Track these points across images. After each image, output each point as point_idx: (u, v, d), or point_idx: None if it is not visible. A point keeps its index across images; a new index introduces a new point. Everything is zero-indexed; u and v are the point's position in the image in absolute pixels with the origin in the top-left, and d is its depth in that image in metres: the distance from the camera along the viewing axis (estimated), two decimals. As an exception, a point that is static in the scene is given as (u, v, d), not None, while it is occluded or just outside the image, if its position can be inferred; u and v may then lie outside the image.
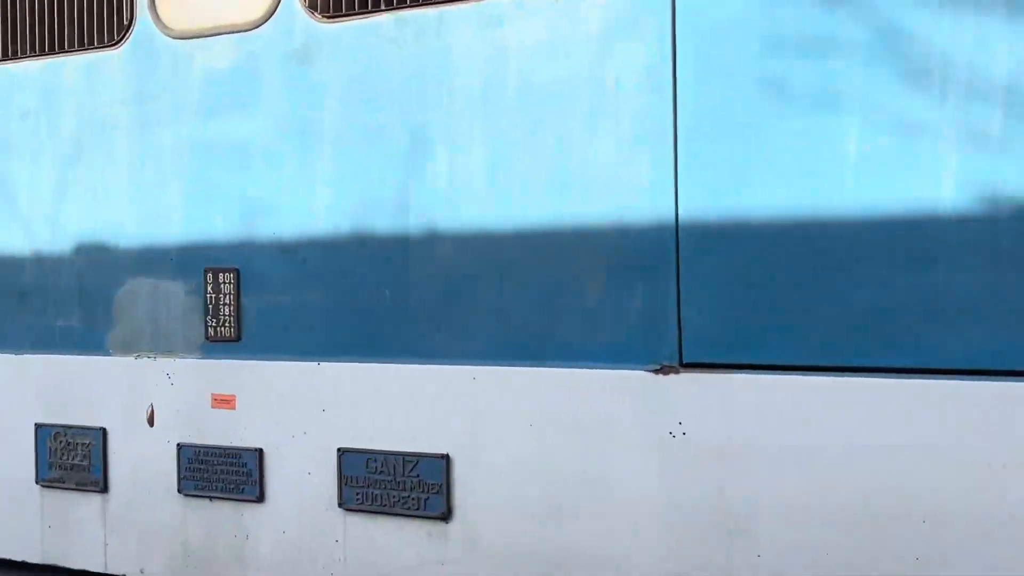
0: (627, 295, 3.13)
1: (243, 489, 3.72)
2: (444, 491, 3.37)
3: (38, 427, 4.16)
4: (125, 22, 3.94)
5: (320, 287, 3.58)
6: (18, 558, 4.22)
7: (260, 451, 3.68)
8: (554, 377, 3.21)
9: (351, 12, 3.53)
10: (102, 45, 4.00)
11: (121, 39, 3.95)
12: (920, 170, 2.77)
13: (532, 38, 3.24)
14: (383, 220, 3.48)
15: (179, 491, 3.84)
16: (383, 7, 3.46)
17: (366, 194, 3.51)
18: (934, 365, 2.76)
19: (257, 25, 3.67)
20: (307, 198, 3.60)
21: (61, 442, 4.08)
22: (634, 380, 3.10)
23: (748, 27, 2.97)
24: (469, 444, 3.34)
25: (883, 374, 2.81)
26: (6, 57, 4.22)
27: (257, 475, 3.68)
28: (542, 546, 3.23)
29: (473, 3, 3.31)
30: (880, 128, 2.81)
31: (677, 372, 3.06)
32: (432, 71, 3.38)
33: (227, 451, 3.74)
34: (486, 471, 3.32)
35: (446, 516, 3.38)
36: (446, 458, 3.37)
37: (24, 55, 4.18)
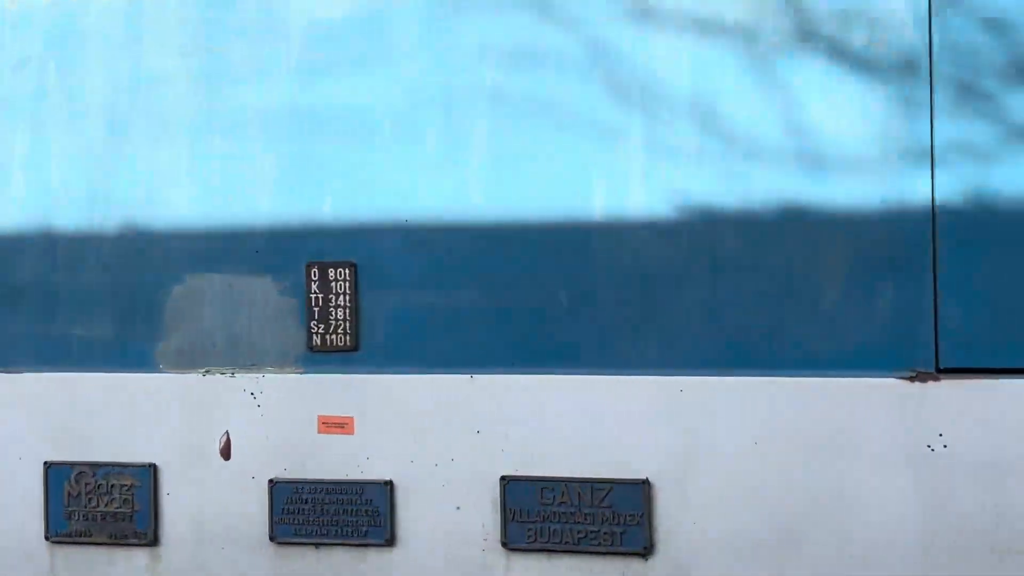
0: (874, 291, 2.82)
1: (366, 532, 3.03)
2: (645, 522, 2.90)
3: (49, 466, 3.21)
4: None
5: (473, 284, 2.98)
6: None
7: (390, 484, 3.02)
8: (785, 387, 2.84)
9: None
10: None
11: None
12: None
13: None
14: (556, 205, 2.94)
15: (271, 539, 3.08)
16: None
17: (533, 174, 2.95)
18: None
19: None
20: (455, 176, 2.98)
21: (87, 484, 3.17)
22: (884, 389, 2.80)
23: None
24: (675, 467, 2.89)
25: None
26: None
27: (386, 513, 3.02)
28: (770, 579, 2.85)
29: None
30: None
31: (936, 379, 2.79)
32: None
33: (343, 486, 3.04)
34: (697, 497, 2.88)
35: (647, 552, 2.91)
36: (646, 483, 2.90)
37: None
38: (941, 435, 2.77)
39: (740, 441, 2.86)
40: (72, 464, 3.18)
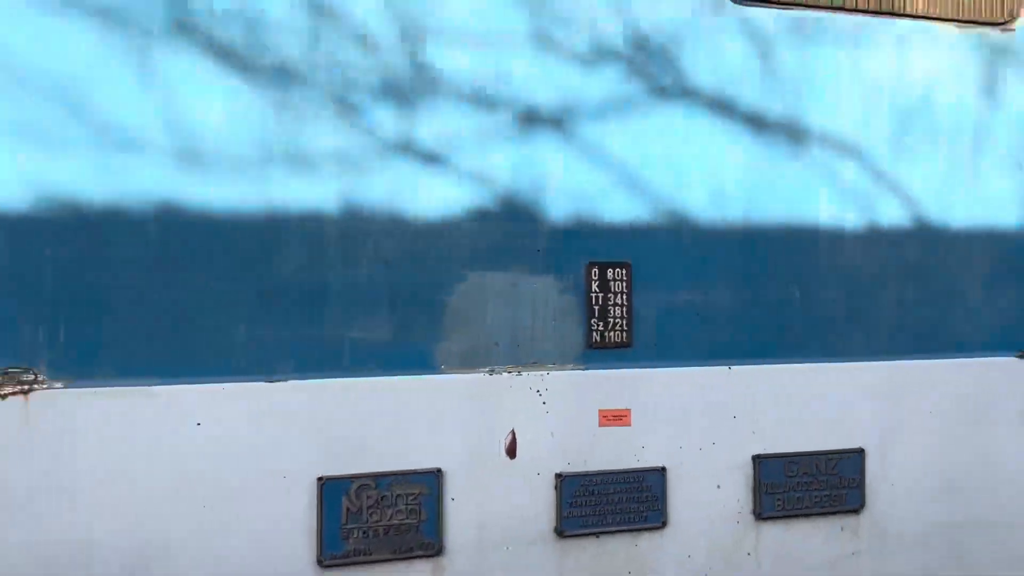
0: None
1: (645, 517, 3.24)
2: (860, 484, 3.50)
3: (323, 482, 2.91)
4: None
5: (727, 283, 3.36)
6: None
7: (663, 470, 3.26)
8: (954, 368, 3.63)
9: None
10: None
11: None
12: None
13: None
14: (797, 210, 3.45)
15: (557, 533, 3.14)
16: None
17: (773, 184, 3.43)
18: None
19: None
20: (717, 182, 3.35)
21: (368, 497, 2.94)
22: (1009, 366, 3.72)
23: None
24: (880, 438, 3.54)
25: None
26: None
27: (662, 497, 3.26)
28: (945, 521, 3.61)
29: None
30: None
31: None
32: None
33: (625, 475, 3.22)
34: (894, 461, 3.55)
35: (859, 508, 3.51)
36: (861, 452, 3.51)
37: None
38: (1044, 398, 3.76)
39: (925, 415, 3.59)
40: (352, 477, 2.95)
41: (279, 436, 2.90)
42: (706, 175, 3.33)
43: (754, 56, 3.35)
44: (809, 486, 3.46)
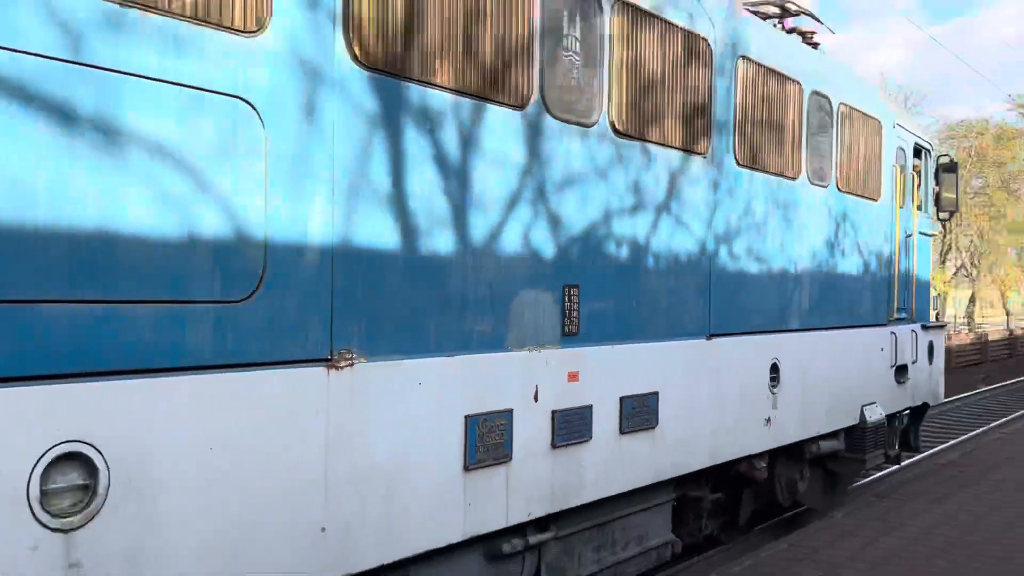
0: None
1: (582, 433, 5.61)
2: (656, 412, 6.27)
3: (468, 418, 4.78)
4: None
5: (631, 288, 5.85)
6: (442, 543, 4.65)
7: (591, 407, 5.66)
8: (684, 346, 6.53)
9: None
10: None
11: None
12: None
13: None
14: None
15: (552, 446, 5.36)
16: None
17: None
18: None
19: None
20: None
21: (485, 427, 4.88)
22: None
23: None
24: (661, 384, 6.33)
25: None
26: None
27: (590, 422, 5.65)
28: None
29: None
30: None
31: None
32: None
33: (578, 410, 5.55)
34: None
35: (654, 426, 6.27)
36: (656, 394, 6.28)
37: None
38: (718, 362, 6.91)
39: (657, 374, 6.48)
40: (478, 415, 4.89)
41: (449, 389, 4.75)
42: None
43: None
44: (636, 415, 6.10)
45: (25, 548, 3.18)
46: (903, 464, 11.90)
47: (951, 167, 11.87)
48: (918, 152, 11.17)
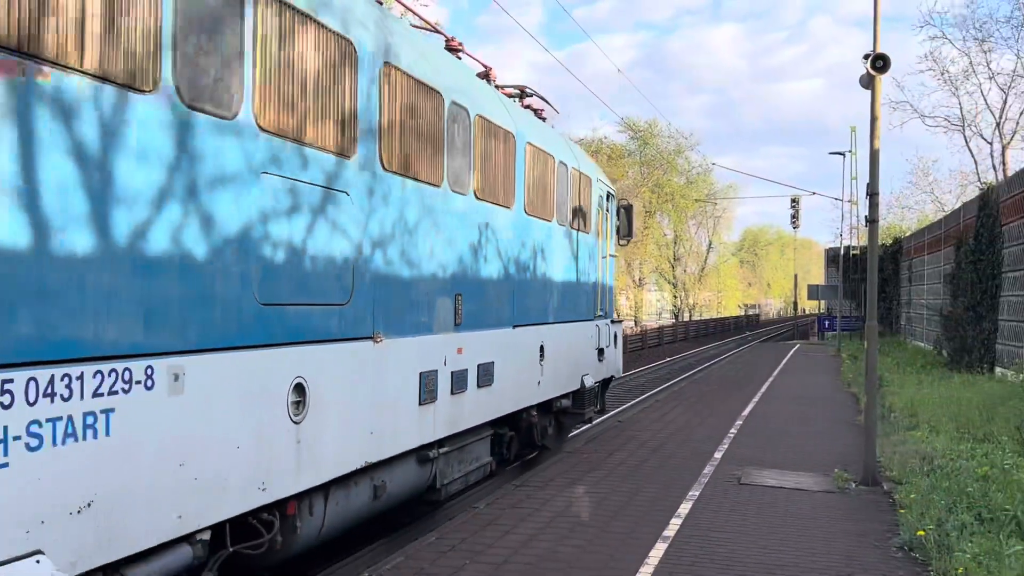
0: None
1: (463, 386, 9.63)
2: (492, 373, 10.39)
3: (420, 373, 8.68)
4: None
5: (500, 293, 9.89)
6: (411, 446, 8.55)
7: (467, 369, 9.67)
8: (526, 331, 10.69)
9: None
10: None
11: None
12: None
13: None
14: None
15: (451, 393, 9.33)
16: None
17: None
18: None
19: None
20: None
21: (426, 379, 8.78)
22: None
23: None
24: (497, 359, 10.45)
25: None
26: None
27: (475, 378, 9.68)
28: None
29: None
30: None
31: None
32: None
33: (460, 371, 9.53)
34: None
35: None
36: (492, 363, 10.40)
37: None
38: (521, 342, 11.17)
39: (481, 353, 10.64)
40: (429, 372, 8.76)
41: (413, 356, 8.53)
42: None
43: None
44: (484, 376, 10.20)
45: (283, 433, 6.52)
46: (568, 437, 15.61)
47: (628, 208, 17.11)
48: (608, 196, 16.38)
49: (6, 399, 4.30)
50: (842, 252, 49.00)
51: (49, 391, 4.51)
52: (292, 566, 8.07)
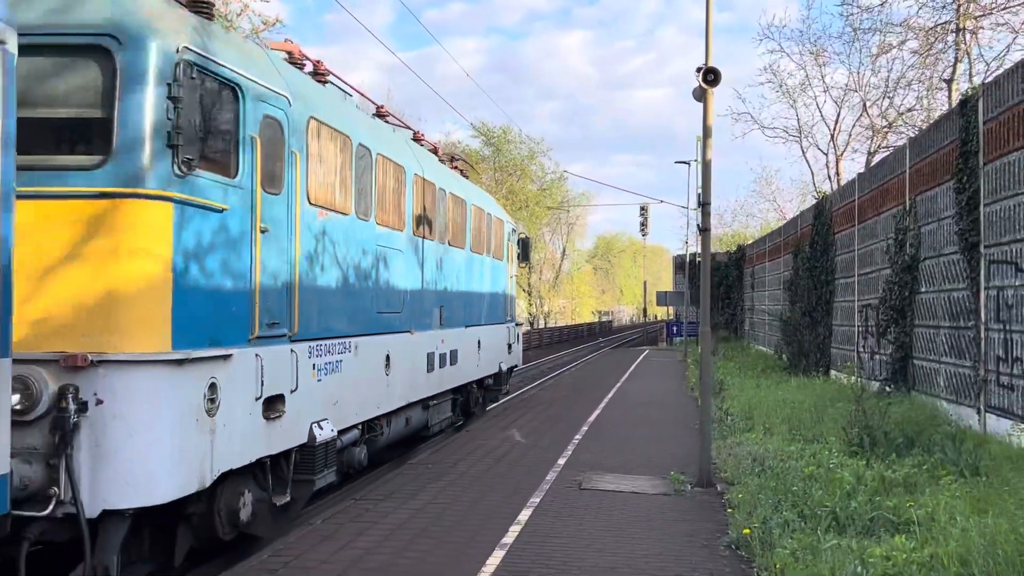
0: None
1: (445, 364, 11.08)
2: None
3: (427, 353, 11.12)
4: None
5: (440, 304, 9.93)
6: (425, 396, 14.65)
7: (446, 353, 16.04)
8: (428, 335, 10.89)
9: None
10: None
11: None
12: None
13: None
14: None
15: (439, 367, 15.94)
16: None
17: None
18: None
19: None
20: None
21: (432, 357, 14.95)
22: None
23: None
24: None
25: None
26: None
27: (447, 360, 10.36)
28: None
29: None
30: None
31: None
32: None
33: (444, 354, 15.44)
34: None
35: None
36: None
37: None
38: (362, 352, 11.36)
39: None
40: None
41: (423, 342, 13.83)
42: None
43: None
44: (451, 358, 15.70)
45: (383, 380, 12.33)
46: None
47: (526, 240, 24.40)
48: (512, 231, 22.91)
49: (317, 354, 9.83)
50: (688, 259, 50.56)
51: (321, 350, 10.05)
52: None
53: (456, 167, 19.34)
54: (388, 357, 12.38)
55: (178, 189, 7.48)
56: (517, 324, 23.48)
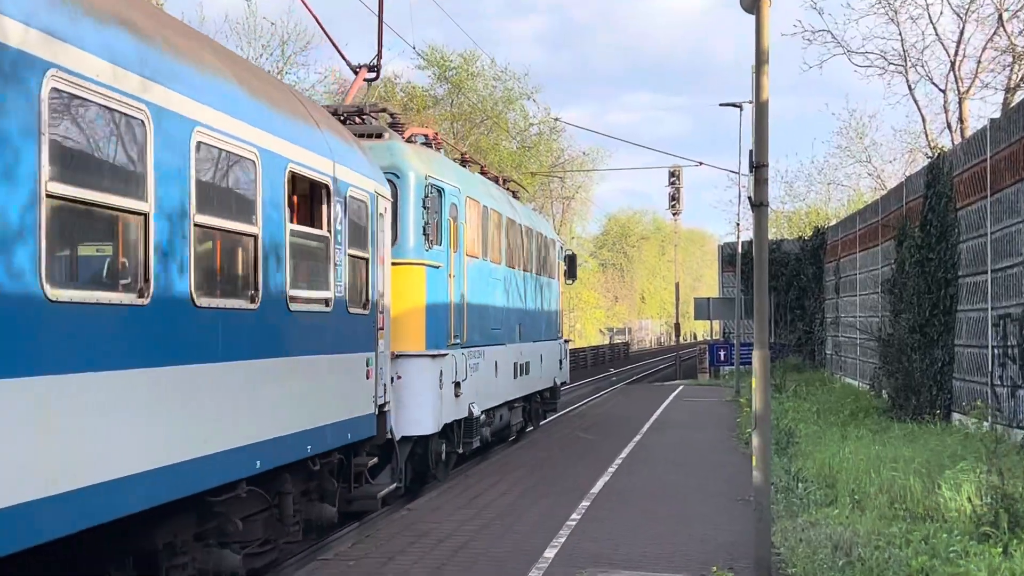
0: None
1: (527, 372, 28.64)
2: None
3: (515, 364, 27.30)
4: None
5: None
6: (512, 397, 27.39)
7: (527, 363, 28.01)
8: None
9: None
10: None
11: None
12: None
13: None
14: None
15: (522, 375, 27.90)
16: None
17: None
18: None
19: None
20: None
21: (520, 365, 27.47)
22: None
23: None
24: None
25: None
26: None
27: (527, 369, 29.34)
28: None
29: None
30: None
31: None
32: None
33: (524, 363, 27.94)
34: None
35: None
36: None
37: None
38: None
39: None
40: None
41: (510, 354, 26.16)
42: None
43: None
44: (529, 368, 28.48)
45: (513, 380, 26.62)
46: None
47: (572, 256, 36.81)
48: (561, 248, 34.96)
49: (470, 357, 21.94)
50: (740, 250, 48.73)
51: (471, 356, 22.03)
52: None
53: (508, 189, 29.84)
54: (496, 363, 24.22)
55: (425, 258, 19.10)
56: (566, 341, 35.64)
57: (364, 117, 19.83)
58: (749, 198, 12.91)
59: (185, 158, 10.02)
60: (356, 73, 22.34)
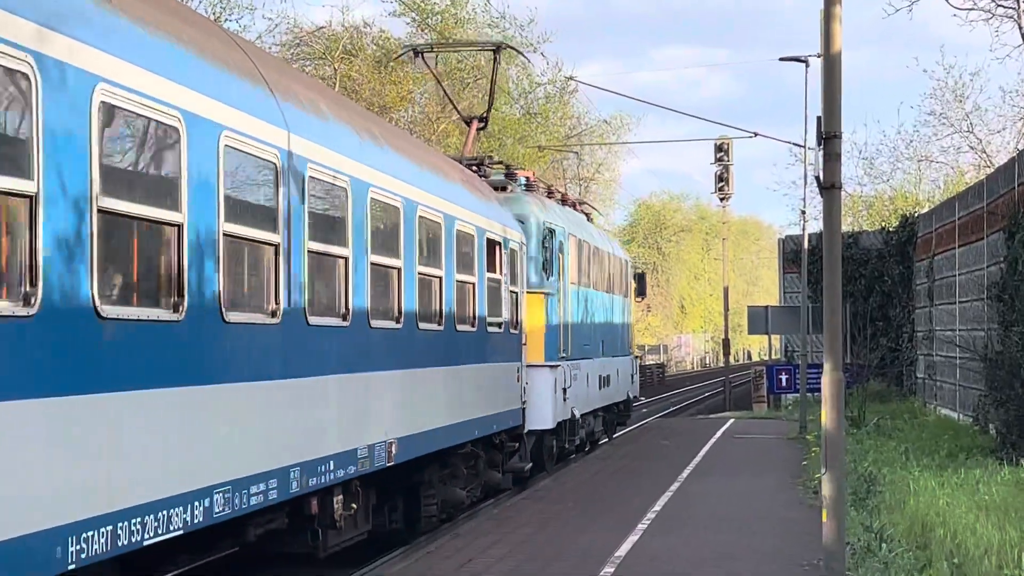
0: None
1: (606, 385, 40.89)
2: None
3: (599, 376, 39.94)
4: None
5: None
6: (589, 410, 38.35)
7: (608, 376, 41.90)
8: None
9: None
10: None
11: None
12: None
13: None
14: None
15: (598, 388, 40.57)
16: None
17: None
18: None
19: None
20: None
21: (602, 379, 41.24)
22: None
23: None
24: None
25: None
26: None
27: (607, 380, 42.05)
28: None
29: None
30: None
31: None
32: None
33: (605, 376, 41.82)
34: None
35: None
36: None
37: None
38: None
39: None
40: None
41: (595, 367, 40.31)
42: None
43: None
44: (609, 380, 43.05)
45: (598, 391, 39.57)
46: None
47: (642, 275, 51.79)
48: (632, 266, 51.66)
49: (574, 368, 34.71)
50: (808, 245, 47.78)
51: (573, 368, 34.37)
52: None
53: (583, 211, 41.90)
54: (587, 375, 36.07)
55: (545, 287, 31.88)
56: (636, 357, 50.31)
57: (482, 168, 31.41)
58: (817, 178, 13.02)
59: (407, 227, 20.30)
60: (468, 125, 36.71)
